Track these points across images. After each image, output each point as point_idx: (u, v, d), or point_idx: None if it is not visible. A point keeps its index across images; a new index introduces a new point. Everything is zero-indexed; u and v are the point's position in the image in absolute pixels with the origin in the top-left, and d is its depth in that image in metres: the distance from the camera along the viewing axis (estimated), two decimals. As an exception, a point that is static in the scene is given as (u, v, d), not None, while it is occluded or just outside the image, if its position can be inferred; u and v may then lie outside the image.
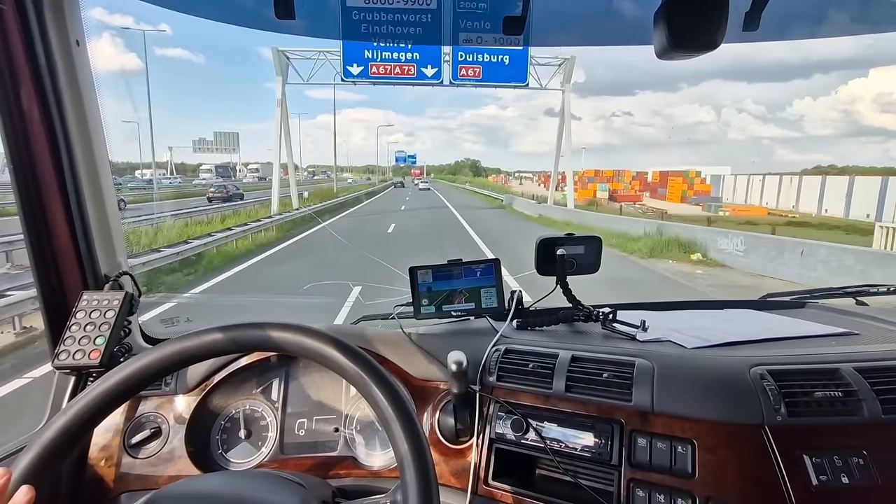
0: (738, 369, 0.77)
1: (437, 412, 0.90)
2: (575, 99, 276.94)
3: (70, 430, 0.54)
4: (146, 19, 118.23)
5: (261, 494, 0.64)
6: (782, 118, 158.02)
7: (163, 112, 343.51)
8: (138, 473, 0.90)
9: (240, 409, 0.98)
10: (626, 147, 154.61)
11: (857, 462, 0.67)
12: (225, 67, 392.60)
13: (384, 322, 1.17)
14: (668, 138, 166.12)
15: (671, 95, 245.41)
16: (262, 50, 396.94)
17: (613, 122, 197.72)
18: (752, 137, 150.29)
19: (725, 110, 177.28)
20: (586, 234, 1.09)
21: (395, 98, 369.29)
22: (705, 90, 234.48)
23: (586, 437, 0.78)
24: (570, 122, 19.23)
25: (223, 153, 59.89)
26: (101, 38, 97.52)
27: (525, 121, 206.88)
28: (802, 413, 0.71)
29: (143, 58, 27.42)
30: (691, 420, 0.73)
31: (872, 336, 0.94)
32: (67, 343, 0.83)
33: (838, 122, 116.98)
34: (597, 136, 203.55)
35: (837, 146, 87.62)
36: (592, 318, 1.04)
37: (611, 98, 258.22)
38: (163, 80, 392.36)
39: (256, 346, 0.63)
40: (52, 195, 0.88)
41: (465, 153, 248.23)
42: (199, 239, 8.60)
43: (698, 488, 0.69)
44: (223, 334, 0.60)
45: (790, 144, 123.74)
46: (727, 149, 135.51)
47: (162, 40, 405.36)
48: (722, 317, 1.12)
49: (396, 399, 0.57)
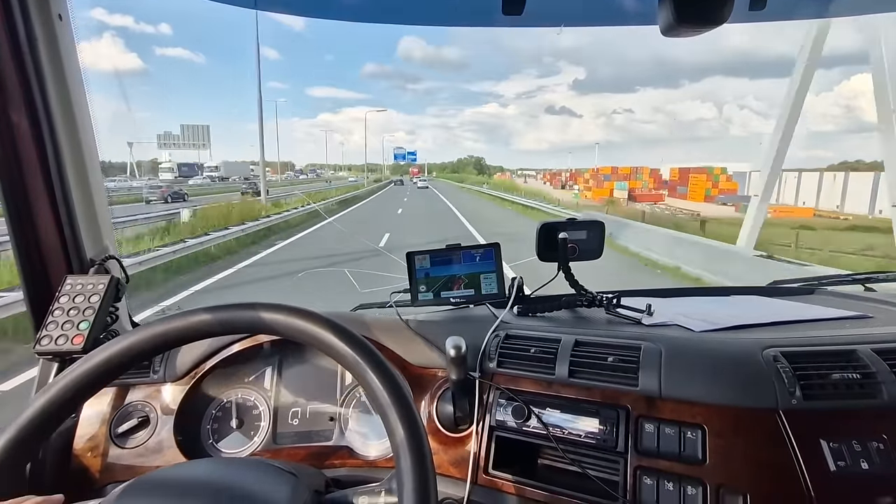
0: (749, 351, 0.73)
1: (436, 400, 0.87)
2: (574, 96, 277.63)
3: (50, 410, 0.52)
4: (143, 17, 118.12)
5: (248, 482, 0.60)
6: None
7: (164, 112, 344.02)
8: (125, 464, 0.86)
9: (231, 398, 0.95)
10: (627, 144, 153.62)
11: (878, 447, 0.64)
12: (224, 65, 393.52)
13: (381, 310, 1.14)
14: (669, 134, 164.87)
15: (673, 92, 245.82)
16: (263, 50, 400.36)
17: (614, 119, 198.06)
18: (754, 133, 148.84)
19: (727, 106, 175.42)
20: (589, 218, 1.06)
21: (396, 98, 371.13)
22: (707, 86, 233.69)
23: (590, 424, 0.75)
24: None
25: (192, 148, 54.55)
26: (102, 38, 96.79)
27: (526, 118, 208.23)
28: (818, 396, 0.67)
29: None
30: (701, 404, 0.70)
31: (886, 318, 0.91)
32: (50, 328, 0.80)
33: (839, 118, 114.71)
34: (598, 134, 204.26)
35: (839, 142, 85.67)
36: (596, 304, 1.00)
37: (611, 95, 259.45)
38: (163, 79, 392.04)
39: (247, 327, 0.60)
40: (34, 176, 0.85)
41: (466, 151, 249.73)
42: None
43: (709, 475, 0.66)
44: (212, 315, 0.57)
45: (793, 141, 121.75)
46: (728, 144, 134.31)
47: (161, 40, 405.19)
48: (729, 302, 1.09)
49: (392, 384, 0.54)
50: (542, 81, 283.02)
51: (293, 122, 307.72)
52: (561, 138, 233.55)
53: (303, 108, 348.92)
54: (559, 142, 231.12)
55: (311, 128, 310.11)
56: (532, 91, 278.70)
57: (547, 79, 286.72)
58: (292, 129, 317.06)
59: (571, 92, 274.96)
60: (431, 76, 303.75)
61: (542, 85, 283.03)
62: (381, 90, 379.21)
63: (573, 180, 28.79)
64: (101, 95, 0.96)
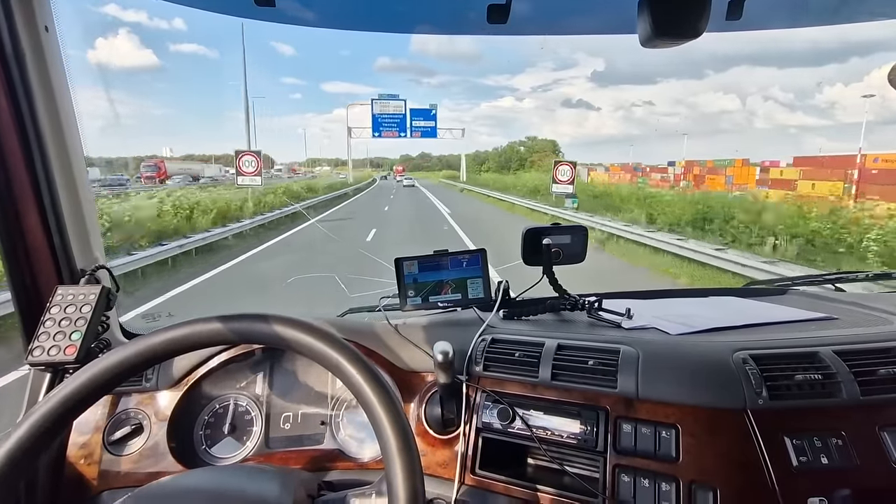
0: (721, 354, 0.77)
1: (424, 403, 0.90)
2: (593, 89, 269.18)
3: (44, 427, 0.52)
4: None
5: (244, 488, 0.63)
6: (812, 105, 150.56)
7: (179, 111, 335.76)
8: (119, 471, 0.88)
9: (223, 404, 0.96)
10: (646, 137, 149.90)
11: (836, 443, 0.68)
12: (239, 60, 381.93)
13: (371, 314, 1.16)
14: (694, 126, 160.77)
15: (696, 83, 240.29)
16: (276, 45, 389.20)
17: (634, 111, 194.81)
18: (779, 126, 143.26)
19: (751, 98, 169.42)
20: (572, 224, 1.09)
21: (411, 92, 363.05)
22: (732, 77, 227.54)
23: (572, 425, 0.79)
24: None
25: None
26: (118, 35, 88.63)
27: (542, 112, 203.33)
28: (784, 396, 0.72)
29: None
30: (675, 405, 0.74)
31: (851, 320, 0.96)
32: (41, 339, 0.81)
33: (872, 108, 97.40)
34: (617, 128, 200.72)
35: (871, 133, 77.52)
36: (578, 307, 1.04)
37: (632, 87, 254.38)
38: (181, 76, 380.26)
39: (238, 338, 0.62)
40: (22, 187, 0.85)
41: (480, 145, 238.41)
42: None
43: (682, 472, 0.70)
44: (201, 327, 0.58)
45: (823, 133, 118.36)
46: (752, 137, 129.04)
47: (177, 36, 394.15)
48: (706, 304, 1.13)
49: (380, 388, 0.56)
50: (558, 74, 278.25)
51: (308, 117, 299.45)
52: (578, 132, 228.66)
53: (318, 104, 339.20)
54: (578, 136, 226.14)
55: (326, 123, 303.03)
56: (548, 84, 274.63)
57: (563, 71, 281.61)
58: (308, 124, 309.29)
59: (590, 84, 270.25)
60: (446, 69, 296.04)
61: (559, 78, 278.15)
62: (396, 84, 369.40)
63: (691, 178, 21.08)
64: (122, 93, 0.95)
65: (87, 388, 0.55)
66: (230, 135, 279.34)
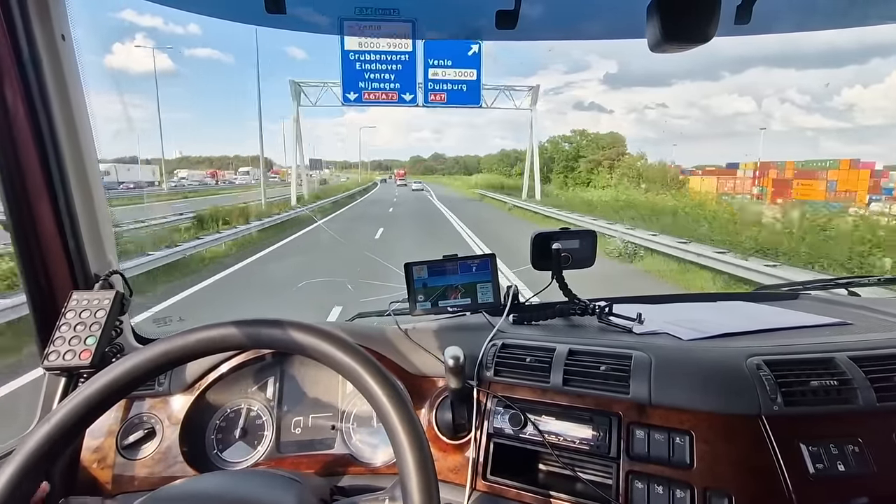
0: (734, 360, 0.77)
1: (435, 408, 0.90)
2: (605, 91, 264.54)
3: (59, 434, 0.53)
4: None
5: (257, 493, 0.63)
6: (830, 107, 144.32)
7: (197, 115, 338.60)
8: (132, 475, 0.88)
9: (235, 408, 0.97)
10: (661, 140, 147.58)
11: (853, 450, 0.68)
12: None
13: (380, 319, 1.16)
14: (707, 129, 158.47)
15: (712, 85, 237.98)
16: (288, 49, 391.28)
17: (647, 114, 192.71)
18: (796, 128, 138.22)
19: (767, 101, 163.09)
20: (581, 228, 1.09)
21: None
22: (749, 79, 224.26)
23: (584, 431, 0.78)
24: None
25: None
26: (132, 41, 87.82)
27: (554, 115, 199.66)
28: (799, 402, 0.71)
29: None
30: (689, 411, 0.73)
31: (865, 325, 0.95)
32: (57, 343, 0.81)
33: (889, 110, 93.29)
34: (630, 130, 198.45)
35: (889, 137, 72.92)
36: (589, 312, 1.04)
37: (645, 90, 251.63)
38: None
39: (250, 343, 0.62)
40: (39, 193, 0.86)
41: (493, 148, 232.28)
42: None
43: (696, 479, 0.69)
44: (214, 332, 0.59)
45: (840, 136, 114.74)
46: (767, 139, 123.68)
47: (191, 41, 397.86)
48: (717, 309, 1.12)
49: (393, 393, 0.56)
50: (570, 77, 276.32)
51: (319, 120, 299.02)
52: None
53: (331, 109, 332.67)
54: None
55: (338, 126, 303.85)
56: (559, 87, 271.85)
57: (576, 74, 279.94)
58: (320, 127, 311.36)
59: (602, 87, 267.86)
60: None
61: (570, 81, 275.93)
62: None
63: (767, 183, 17.93)
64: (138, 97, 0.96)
65: (104, 393, 0.55)
66: (238, 138, 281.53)
